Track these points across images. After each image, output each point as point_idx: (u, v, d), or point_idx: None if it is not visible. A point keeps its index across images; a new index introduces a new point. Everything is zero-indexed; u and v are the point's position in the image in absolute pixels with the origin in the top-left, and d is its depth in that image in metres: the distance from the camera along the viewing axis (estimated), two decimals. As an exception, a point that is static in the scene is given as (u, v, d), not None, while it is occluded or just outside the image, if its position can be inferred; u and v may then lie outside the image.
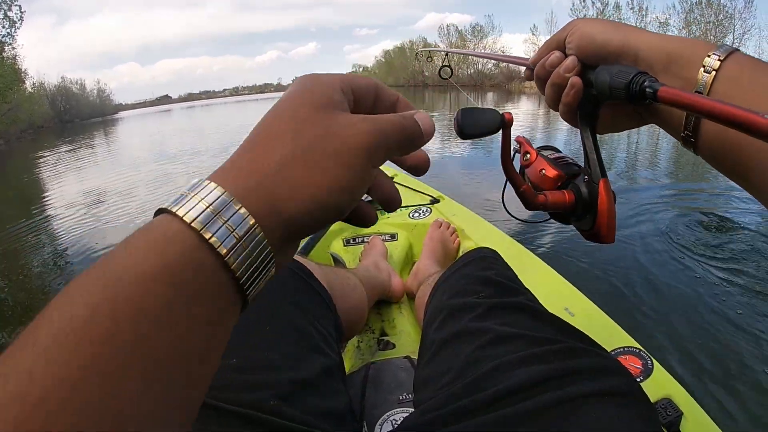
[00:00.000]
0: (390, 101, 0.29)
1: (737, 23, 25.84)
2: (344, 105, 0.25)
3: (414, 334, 0.99)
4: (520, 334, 0.43)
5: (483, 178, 4.07)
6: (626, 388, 0.37)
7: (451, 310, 0.53)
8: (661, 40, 0.35)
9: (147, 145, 10.91)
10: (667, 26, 30.33)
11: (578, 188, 0.39)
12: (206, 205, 0.19)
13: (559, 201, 0.40)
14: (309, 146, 0.22)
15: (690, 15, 27.83)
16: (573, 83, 0.38)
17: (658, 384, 0.70)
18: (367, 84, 0.28)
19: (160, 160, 7.57)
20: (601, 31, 0.37)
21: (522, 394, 0.37)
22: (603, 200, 0.38)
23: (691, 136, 0.33)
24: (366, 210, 0.28)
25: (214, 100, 73.82)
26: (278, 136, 0.22)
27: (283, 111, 0.24)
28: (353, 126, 0.23)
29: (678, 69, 0.32)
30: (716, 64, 0.30)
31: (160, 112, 40.53)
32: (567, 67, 0.38)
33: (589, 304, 0.93)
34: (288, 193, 0.21)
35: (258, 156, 0.22)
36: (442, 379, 0.45)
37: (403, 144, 0.26)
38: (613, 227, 0.38)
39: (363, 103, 0.28)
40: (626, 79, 0.31)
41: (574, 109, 0.40)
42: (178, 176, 5.76)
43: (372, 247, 1.28)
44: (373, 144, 0.23)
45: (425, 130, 0.27)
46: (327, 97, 0.24)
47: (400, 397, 0.73)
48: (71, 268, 2.81)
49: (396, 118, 0.25)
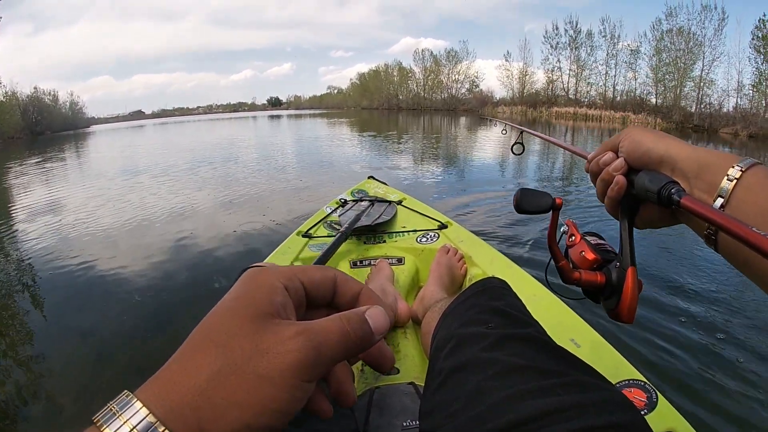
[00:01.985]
0: (351, 294, 0.29)
1: (707, 50, 26.24)
2: (284, 310, 0.24)
3: (418, 360, 0.99)
4: (529, 366, 0.44)
5: (491, 205, 4.09)
6: (632, 421, 0.38)
7: (460, 339, 0.53)
8: (695, 151, 0.40)
9: (117, 160, 10.87)
10: (638, 53, 31.07)
11: (610, 273, 0.45)
12: (130, 429, 0.20)
13: (592, 280, 0.46)
14: (236, 365, 0.21)
15: (660, 42, 28.27)
16: (617, 181, 0.45)
17: (662, 417, 0.70)
18: (323, 277, 0.28)
19: (124, 175, 7.55)
20: (648, 140, 0.43)
21: (529, 426, 0.37)
22: (628, 286, 0.44)
23: (713, 235, 0.38)
24: (319, 405, 0.27)
25: (188, 117, 72.64)
26: (208, 349, 0.22)
27: (217, 320, 0.23)
28: (283, 344, 0.22)
29: (707, 176, 0.38)
30: (738, 174, 0.36)
31: (133, 127, 40.19)
32: (615, 167, 0.45)
33: (595, 336, 0.93)
34: (214, 414, 0.20)
35: (187, 369, 0.21)
36: (450, 408, 0.45)
37: (349, 350, 0.24)
38: (634, 310, 0.44)
39: (318, 297, 0.28)
40: (659, 186, 0.38)
41: (616, 204, 0.47)
42: (141, 190, 5.78)
43: (379, 271, 1.29)
44: (304, 362, 0.22)
45: (376, 328, 0.26)
46: (266, 303, 0.24)
47: (404, 423, 0.73)
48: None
49: (338, 325, 0.24)
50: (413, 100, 50.32)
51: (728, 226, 0.28)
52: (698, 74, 26.60)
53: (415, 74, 50.87)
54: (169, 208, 4.43)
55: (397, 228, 1.68)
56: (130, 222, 3.99)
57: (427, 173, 6.29)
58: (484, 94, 44.34)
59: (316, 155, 9.15)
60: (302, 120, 31.47)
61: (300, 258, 1.42)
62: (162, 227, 3.76)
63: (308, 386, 0.23)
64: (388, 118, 28.55)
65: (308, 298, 0.27)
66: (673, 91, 27.35)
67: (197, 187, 5.76)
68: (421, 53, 50.27)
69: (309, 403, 0.26)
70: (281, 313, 0.24)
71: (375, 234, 1.62)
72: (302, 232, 1.65)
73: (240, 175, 6.54)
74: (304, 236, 1.62)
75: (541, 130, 18.12)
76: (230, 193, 5.13)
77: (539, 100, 36.46)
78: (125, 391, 0.21)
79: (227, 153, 10.41)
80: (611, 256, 0.48)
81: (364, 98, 59.79)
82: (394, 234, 1.62)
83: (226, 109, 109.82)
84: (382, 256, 1.45)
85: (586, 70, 34.52)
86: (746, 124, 20.58)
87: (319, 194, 4.69)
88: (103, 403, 0.21)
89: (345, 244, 1.50)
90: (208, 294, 2.35)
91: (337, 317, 0.25)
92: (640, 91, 30.39)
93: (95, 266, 2.86)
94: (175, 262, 2.87)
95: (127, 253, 3.11)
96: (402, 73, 53.14)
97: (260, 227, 3.54)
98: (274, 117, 44.12)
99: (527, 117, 32.18)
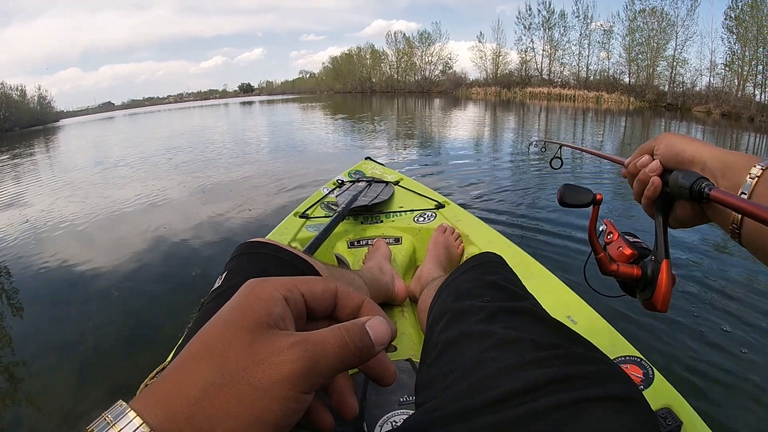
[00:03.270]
0: (353, 306, 0.28)
1: (680, 30, 26.52)
2: (283, 321, 0.24)
3: (415, 338, 0.99)
4: (525, 338, 0.44)
5: (488, 184, 4.08)
6: (628, 394, 0.38)
7: (455, 312, 0.53)
8: (721, 153, 0.44)
9: (86, 155, 10.42)
10: (612, 33, 31.24)
11: (646, 266, 0.49)
12: None
13: (629, 273, 0.50)
14: (232, 376, 0.21)
15: (634, 23, 28.45)
16: (653, 181, 0.49)
17: (658, 393, 0.71)
18: (324, 290, 0.27)
19: (95, 169, 7.19)
20: (681, 143, 0.47)
21: (525, 396, 0.37)
22: (663, 277, 0.47)
23: (737, 229, 0.42)
24: (319, 417, 0.26)
25: (158, 107, 70.42)
26: (204, 360, 0.22)
27: (214, 330, 0.23)
28: (279, 354, 0.22)
29: (731, 175, 0.42)
30: (759, 172, 0.40)
31: (103, 119, 38.52)
32: (651, 168, 0.49)
33: (592, 313, 0.94)
34: (208, 424, 0.20)
35: (183, 379, 0.21)
36: (446, 379, 0.45)
37: (347, 362, 0.24)
38: (668, 299, 0.48)
39: (319, 309, 0.27)
40: (691, 181, 0.42)
41: (652, 203, 0.51)
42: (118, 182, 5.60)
43: (376, 250, 1.29)
44: (301, 374, 0.22)
45: (377, 339, 0.25)
46: (264, 314, 0.23)
47: (400, 399, 0.73)
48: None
49: (337, 336, 0.24)
50: (387, 83, 49.67)
51: (753, 211, 0.31)
52: (671, 54, 26.99)
53: (388, 57, 50.16)
54: (135, 201, 4.28)
55: (394, 208, 1.67)
56: (109, 216, 3.88)
57: (414, 155, 6.23)
58: (457, 76, 43.97)
59: (290, 141, 8.86)
60: (275, 105, 30.59)
61: (297, 238, 1.42)
62: (133, 220, 3.65)
63: (305, 398, 0.22)
64: (362, 101, 28.09)
65: (309, 310, 0.27)
66: (647, 71, 27.70)
67: (167, 177, 5.54)
68: (394, 35, 49.43)
69: (309, 414, 0.25)
70: (279, 324, 0.24)
71: (372, 214, 1.61)
72: (299, 213, 1.64)
73: (214, 163, 6.33)
74: (301, 217, 1.61)
75: (516, 110, 17.94)
76: (205, 182, 4.96)
77: (513, 80, 36.55)
78: (120, 401, 0.21)
79: (199, 141, 10.01)
80: (647, 252, 0.51)
81: (337, 82, 58.79)
82: (392, 214, 1.61)
83: (197, 97, 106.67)
84: (379, 236, 1.44)
85: (560, 50, 34.65)
86: (719, 103, 21.08)
87: (304, 180, 4.55)
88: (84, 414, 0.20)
89: (342, 224, 1.50)
90: (182, 287, 2.22)
91: (336, 328, 0.24)
92: (613, 71, 30.73)
93: (69, 263, 2.76)
94: (151, 253, 2.78)
95: (112, 247, 3.02)
96: (375, 55, 52.24)
97: (235, 215, 3.44)
98: (245, 103, 42.82)
99: (501, 98, 32.00)
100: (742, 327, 1.66)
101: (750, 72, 22.03)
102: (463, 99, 29.82)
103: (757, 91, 21.77)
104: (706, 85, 24.70)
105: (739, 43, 22.72)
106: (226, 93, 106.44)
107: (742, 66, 22.42)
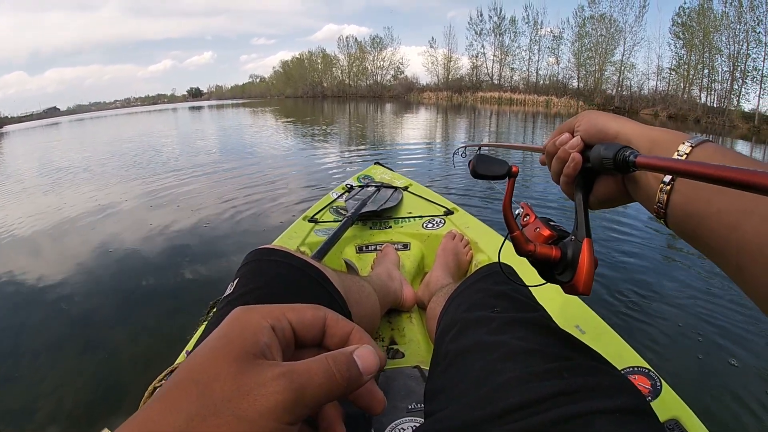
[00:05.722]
0: (341, 334, 0.28)
1: (628, 36, 27.26)
2: (270, 351, 0.24)
3: (423, 344, 1.00)
4: (535, 349, 0.44)
5: (498, 192, 4.06)
6: (636, 406, 0.38)
7: (466, 322, 0.54)
8: (648, 129, 0.42)
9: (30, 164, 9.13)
10: (561, 39, 32.10)
11: (566, 247, 0.46)
12: None
13: (546, 254, 0.46)
14: (215, 406, 0.21)
15: (583, 29, 29.21)
16: (574, 157, 0.46)
17: (666, 405, 0.71)
18: (313, 317, 0.27)
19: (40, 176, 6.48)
20: (604, 119, 0.45)
21: (534, 408, 0.38)
22: (584, 257, 0.43)
23: (662, 208, 0.39)
24: None
25: (105, 112, 67.63)
26: (188, 389, 0.22)
27: (200, 360, 0.23)
28: (264, 385, 0.22)
29: (659, 152, 0.39)
30: (687, 150, 0.37)
31: (48, 125, 35.67)
32: (572, 144, 0.46)
33: (600, 322, 0.94)
34: None
35: (167, 409, 0.21)
36: (455, 390, 0.46)
37: (335, 392, 0.24)
38: (591, 280, 0.43)
39: (308, 337, 0.27)
40: (614, 151, 0.38)
41: (572, 181, 0.47)
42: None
43: (385, 256, 1.29)
44: (285, 405, 0.21)
45: (365, 369, 0.25)
46: (250, 343, 0.23)
47: (409, 406, 0.74)
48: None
49: (324, 366, 0.24)
50: (338, 88, 49.72)
51: (688, 168, 0.26)
52: (619, 59, 27.81)
53: (339, 61, 50.08)
54: (79, 212, 3.88)
55: (403, 214, 1.68)
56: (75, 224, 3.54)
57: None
58: (409, 81, 44.19)
59: (247, 149, 8.09)
60: (224, 110, 29.35)
61: (306, 243, 1.43)
62: (80, 233, 3.32)
63: (290, 429, 0.22)
64: (313, 106, 27.72)
65: (297, 338, 0.27)
66: (595, 75, 28.51)
67: (104, 185, 5.16)
68: (345, 40, 49.48)
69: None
70: (266, 353, 0.24)
71: (381, 219, 1.62)
72: (308, 217, 1.66)
73: (161, 170, 5.85)
74: (310, 221, 1.62)
75: (467, 114, 17.83)
76: (156, 187, 4.62)
77: (464, 85, 37.10)
78: (105, 429, 0.21)
79: (147, 146, 9.45)
80: (565, 234, 0.48)
81: (287, 86, 58.70)
82: (400, 220, 1.62)
83: (145, 101, 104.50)
84: (387, 242, 1.45)
85: (510, 55, 35.39)
86: (665, 105, 21.67)
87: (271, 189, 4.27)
88: None
89: (351, 229, 1.51)
90: (192, 291, 2.17)
91: (323, 357, 0.24)
92: (562, 76, 31.52)
93: (69, 263, 2.60)
94: (161, 256, 2.66)
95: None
96: (326, 60, 52.21)
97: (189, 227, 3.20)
98: (194, 108, 41.00)
99: (453, 102, 32.10)
100: (753, 337, 1.65)
101: (696, 75, 22.73)
102: (415, 103, 29.78)
103: (702, 94, 22.52)
104: (653, 88, 25.56)
105: (685, 48, 23.48)
106: (175, 97, 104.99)
107: (688, 70, 23.12)
